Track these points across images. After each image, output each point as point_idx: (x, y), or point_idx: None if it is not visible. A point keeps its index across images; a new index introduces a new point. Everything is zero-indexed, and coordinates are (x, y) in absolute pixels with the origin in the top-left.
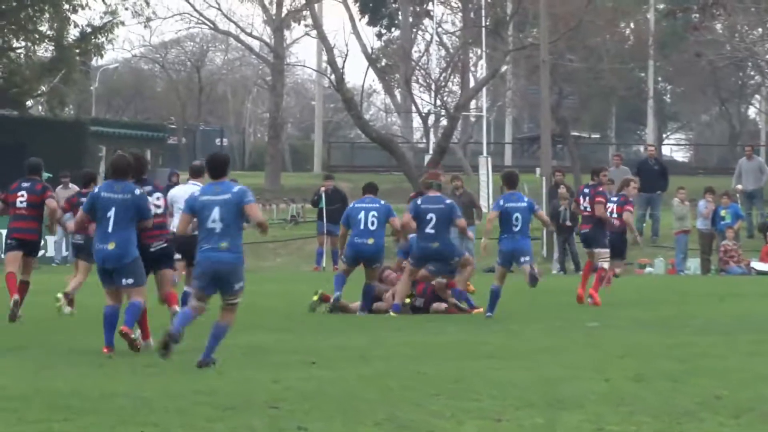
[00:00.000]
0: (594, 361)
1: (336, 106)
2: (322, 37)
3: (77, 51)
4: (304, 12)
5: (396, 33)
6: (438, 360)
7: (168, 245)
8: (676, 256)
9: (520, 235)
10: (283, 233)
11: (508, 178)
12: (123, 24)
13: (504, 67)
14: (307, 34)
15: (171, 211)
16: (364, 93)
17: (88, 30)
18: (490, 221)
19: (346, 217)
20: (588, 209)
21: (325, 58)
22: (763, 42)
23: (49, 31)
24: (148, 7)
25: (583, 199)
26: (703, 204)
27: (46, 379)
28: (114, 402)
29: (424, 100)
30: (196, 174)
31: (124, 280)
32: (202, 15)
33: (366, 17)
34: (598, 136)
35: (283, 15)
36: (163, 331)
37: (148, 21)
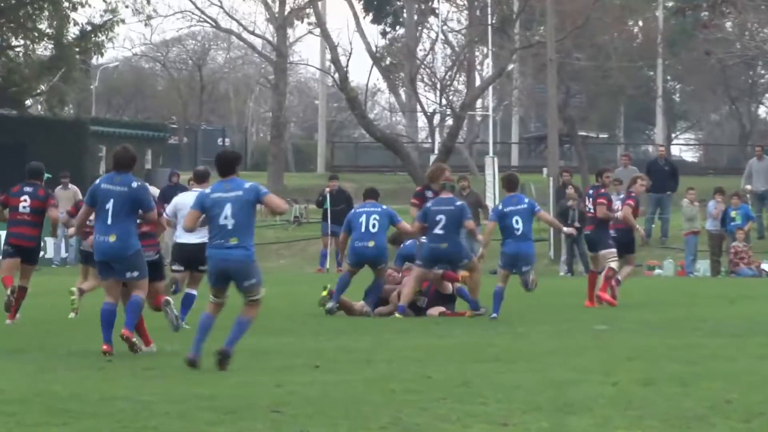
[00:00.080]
0: (602, 363)
1: (340, 105)
2: (325, 35)
3: (77, 49)
4: (308, 9)
5: (401, 31)
6: (443, 363)
7: (158, 256)
8: (686, 257)
9: (523, 239)
10: (287, 234)
11: (508, 180)
12: (123, 22)
13: (510, 66)
14: (310, 32)
15: (174, 222)
16: (368, 92)
17: (88, 28)
18: (489, 233)
19: (347, 223)
20: (591, 211)
21: (328, 57)
22: None
23: (49, 29)
24: (148, 4)
25: (588, 200)
26: (713, 205)
27: (44, 383)
28: (114, 406)
29: (429, 99)
30: (201, 179)
31: (128, 274)
32: (203, 13)
33: (370, 15)
34: (606, 135)
35: (286, 13)
36: (216, 352)
37: (149, 19)
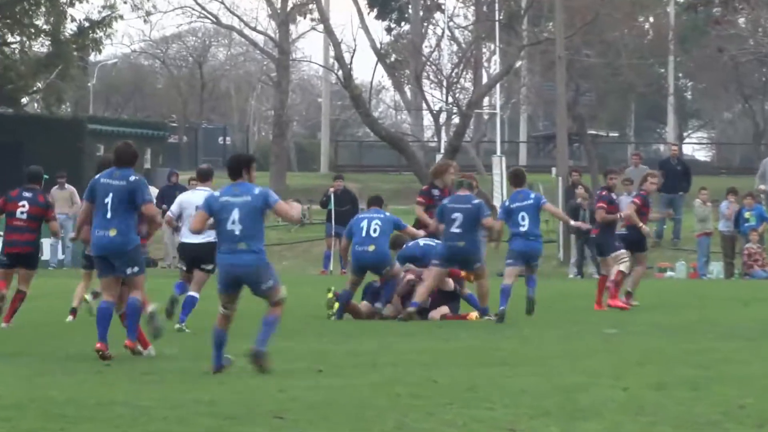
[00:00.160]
0: (612, 367)
1: (343, 103)
2: (329, 32)
3: (74, 46)
4: (311, 5)
5: (406, 27)
6: (449, 367)
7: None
8: (698, 259)
9: (530, 236)
10: (289, 235)
11: (514, 175)
12: (122, 18)
13: (518, 63)
14: (313, 29)
15: (176, 223)
16: (372, 90)
17: (86, 24)
18: (499, 232)
19: (349, 229)
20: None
21: (332, 54)
22: None
23: (45, 26)
24: (147, 0)
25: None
26: (725, 205)
27: (41, 387)
28: (111, 411)
29: (435, 97)
30: (204, 178)
31: (129, 270)
32: (204, 9)
33: (375, 11)
34: (616, 134)
35: (288, 9)
36: (249, 354)
37: (148, 15)
